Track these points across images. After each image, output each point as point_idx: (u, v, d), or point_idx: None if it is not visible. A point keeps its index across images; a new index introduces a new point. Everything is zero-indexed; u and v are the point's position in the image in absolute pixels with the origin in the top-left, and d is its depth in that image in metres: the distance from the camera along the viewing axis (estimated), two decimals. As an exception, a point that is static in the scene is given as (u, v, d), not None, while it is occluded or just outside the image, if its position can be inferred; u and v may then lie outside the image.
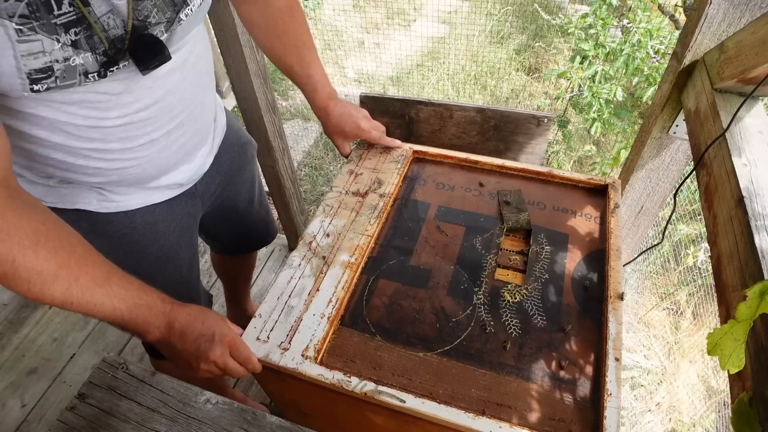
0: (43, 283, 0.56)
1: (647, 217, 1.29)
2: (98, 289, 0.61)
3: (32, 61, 0.55)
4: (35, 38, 0.54)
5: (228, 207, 1.12)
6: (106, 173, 0.76)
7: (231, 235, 1.26)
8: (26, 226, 0.56)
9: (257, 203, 1.23)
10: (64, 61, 0.58)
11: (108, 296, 0.61)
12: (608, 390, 0.68)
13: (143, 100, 0.71)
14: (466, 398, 0.69)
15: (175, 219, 0.92)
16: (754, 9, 0.85)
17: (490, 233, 0.92)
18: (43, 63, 0.56)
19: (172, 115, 0.78)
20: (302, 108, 3.40)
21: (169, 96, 0.75)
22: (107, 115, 0.68)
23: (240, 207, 1.16)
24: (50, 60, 0.57)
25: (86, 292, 0.59)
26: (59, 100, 0.62)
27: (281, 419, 0.61)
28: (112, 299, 0.62)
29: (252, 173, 1.17)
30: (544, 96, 3.47)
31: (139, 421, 0.61)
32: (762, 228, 0.63)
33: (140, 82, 0.69)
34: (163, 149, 0.80)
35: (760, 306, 0.43)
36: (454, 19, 4.20)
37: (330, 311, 0.79)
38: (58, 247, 0.58)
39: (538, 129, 1.20)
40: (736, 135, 0.78)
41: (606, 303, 0.79)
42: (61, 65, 0.58)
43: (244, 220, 1.21)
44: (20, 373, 1.66)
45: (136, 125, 0.73)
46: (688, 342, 2.11)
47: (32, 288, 0.56)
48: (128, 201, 0.83)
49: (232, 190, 1.09)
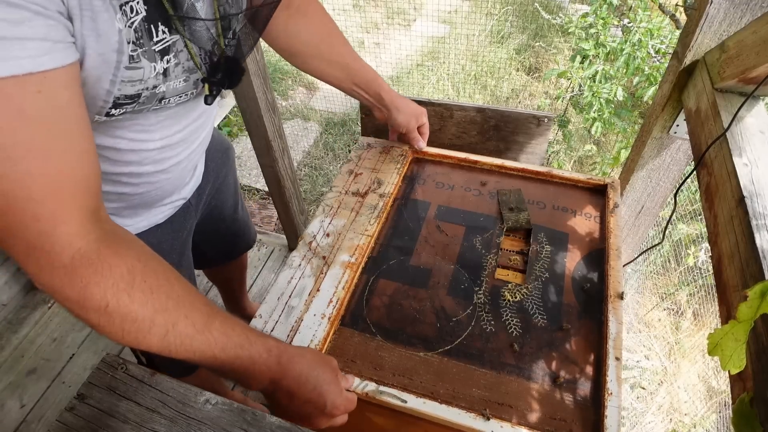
0: (138, 331, 0.50)
1: (648, 217, 1.29)
2: (198, 336, 0.54)
3: (128, 88, 0.54)
4: (140, 66, 0.53)
5: (216, 215, 1.11)
6: (128, 198, 0.74)
7: (219, 243, 1.24)
8: (121, 265, 0.49)
9: (240, 208, 1.22)
10: (152, 88, 0.57)
11: (208, 344, 0.54)
12: (609, 389, 0.68)
13: (182, 122, 0.70)
14: (467, 398, 0.69)
15: (176, 236, 0.91)
16: (755, 8, 0.84)
17: (490, 233, 0.92)
18: (136, 90, 0.55)
19: (197, 134, 0.76)
20: (302, 108, 3.40)
21: (203, 115, 0.75)
22: (151, 137, 0.66)
23: (226, 214, 1.15)
24: (143, 87, 0.55)
25: (185, 340, 0.53)
26: (115, 124, 0.60)
27: (281, 419, 0.61)
28: (213, 348, 0.55)
29: (235, 178, 1.17)
30: (544, 96, 3.46)
31: (138, 422, 0.61)
32: (763, 228, 0.63)
33: (188, 104, 0.68)
34: (183, 169, 0.78)
35: (760, 306, 0.43)
36: (454, 19, 4.20)
37: (330, 311, 0.79)
38: (155, 288, 0.52)
39: (538, 129, 1.20)
40: (737, 135, 0.78)
41: (606, 302, 0.78)
42: (149, 92, 0.57)
43: (230, 226, 1.20)
44: (19, 374, 1.65)
45: (172, 147, 0.71)
46: (689, 342, 2.11)
47: (126, 336, 0.50)
48: (135, 224, 0.80)
49: (219, 198, 1.08)
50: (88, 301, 0.47)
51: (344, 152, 3.00)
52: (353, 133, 3.15)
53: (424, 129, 1.07)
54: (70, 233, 0.47)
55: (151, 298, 0.51)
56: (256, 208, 2.60)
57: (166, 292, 0.52)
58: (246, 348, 0.57)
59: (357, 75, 0.97)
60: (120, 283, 0.49)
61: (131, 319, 0.49)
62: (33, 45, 0.40)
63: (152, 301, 0.51)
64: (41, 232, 0.45)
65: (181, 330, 0.52)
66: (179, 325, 0.52)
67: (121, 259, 0.50)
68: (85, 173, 0.48)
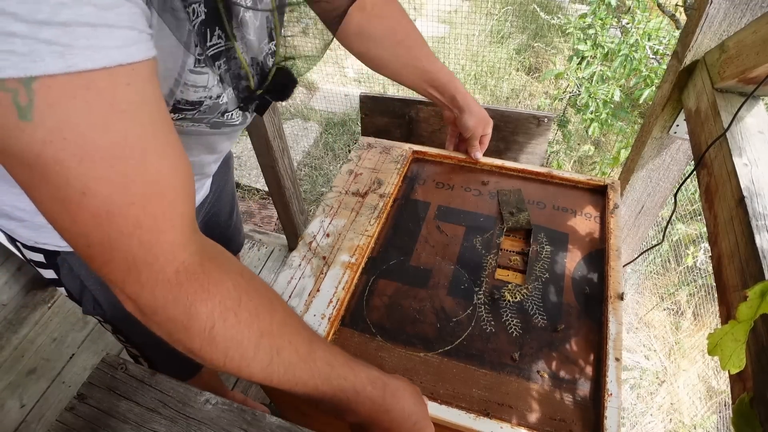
0: (242, 358, 0.45)
1: (648, 217, 1.29)
2: (301, 364, 0.49)
3: (191, 93, 0.50)
4: (204, 71, 0.49)
5: (213, 221, 1.10)
6: None
7: None
8: (227, 281, 0.44)
9: (235, 214, 1.22)
10: (216, 98, 0.52)
11: (311, 374, 0.50)
12: (609, 390, 0.68)
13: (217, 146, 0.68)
14: (467, 398, 0.69)
15: None
16: (755, 8, 0.84)
17: (490, 233, 0.92)
18: (199, 97, 0.51)
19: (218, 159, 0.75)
20: (302, 108, 3.40)
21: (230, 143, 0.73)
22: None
23: (222, 221, 1.15)
24: (205, 96, 0.52)
25: (288, 369, 0.48)
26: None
27: (281, 420, 0.61)
28: (315, 379, 0.50)
29: (232, 185, 1.16)
30: (544, 96, 3.46)
31: (138, 422, 0.61)
32: (763, 228, 0.63)
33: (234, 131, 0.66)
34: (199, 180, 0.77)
35: (760, 306, 0.43)
36: (454, 19, 4.20)
37: (330, 312, 0.79)
38: (260, 308, 0.47)
39: (538, 129, 1.20)
40: (737, 135, 0.78)
41: (606, 303, 0.78)
42: (211, 102, 0.53)
43: (224, 231, 1.19)
44: (19, 374, 1.65)
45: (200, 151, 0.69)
46: (689, 342, 2.11)
47: (229, 363, 0.45)
48: None
49: (217, 204, 1.07)
50: (193, 320, 0.42)
51: (344, 152, 3.00)
52: (353, 133, 3.16)
53: (485, 140, 1.04)
54: (174, 243, 0.42)
55: (257, 319, 0.46)
56: (256, 208, 2.60)
57: (270, 312, 0.47)
58: (350, 380, 0.53)
59: (432, 77, 0.95)
60: (227, 300, 0.44)
61: (236, 343, 0.44)
62: (121, 34, 0.36)
63: (258, 322, 0.46)
64: (143, 242, 0.40)
65: (285, 357, 0.48)
66: (284, 352, 0.48)
67: (226, 274, 0.45)
68: (182, 175, 0.43)
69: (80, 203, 0.37)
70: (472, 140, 1.02)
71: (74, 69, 0.33)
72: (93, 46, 0.34)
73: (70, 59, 0.33)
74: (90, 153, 0.36)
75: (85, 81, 0.34)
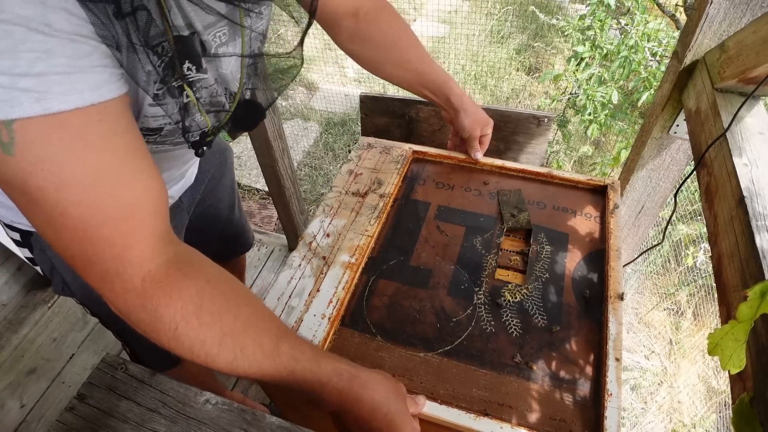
0: (207, 355, 0.51)
1: (648, 217, 1.29)
2: (266, 360, 0.54)
3: (150, 122, 0.56)
4: (164, 102, 0.54)
5: (210, 215, 1.11)
6: None
7: (215, 243, 1.25)
8: (190, 287, 0.50)
9: (237, 209, 1.23)
10: (175, 123, 0.57)
11: (276, 368, 0.55)
12: (609, 390, 0.68)
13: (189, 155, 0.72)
14: (467, 398, 0.69)
15: None
16: (755, 8, 0.84)
17: (490, 233, 0.92)
18: (159, 124, 0.57)
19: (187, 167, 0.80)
20: (302, 108, 3.40)
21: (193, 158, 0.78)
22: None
23: (222, 214, 1.16)
24: (165, 122, 0.57)
25: (253, 364, 0.53)
26: None
27: (281, 419, 0.61)
28: (281, 372, 0.55)
29: (232, 179, 1.17)
30: (544, 96, 3.46)
31: (138, 422, 0.61)
32: (763, 228, 0.63)
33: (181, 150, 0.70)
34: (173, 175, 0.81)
35: (760, 306, 0.43)
36: (454, 19, 4.20)
37: (330, 312, 0.79)
38: (223, 310, 0.52)
39: (538, 129, 1.20)
40: (737, 135, 0.78)
41: (606, 303, 0.78)
42: (170, 127, 0.58)
43: (226, 226, 1.20)
44: (19, 374, 1.65)
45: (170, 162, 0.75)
46: (689, 342, 2.11)
47: (195, 357, 0.51)
48: None
49: (214, 197, 1.09)
50: (158, 323, 0.48)
51: (344, 152, 3.00)
52: (353, 133, 3.16)
53: (485, 140, 1.04)
54: (141, 256, 0.48)
55: (220, 321, 0.51)
56: (256, 208, 2.60)
57: (234, 314, 0.52)
58: (315, 372, 0.57)
59: (427, 79, 0.97)
60: (189, 305, 0.49)
61: (200, 342, 0.50)
62: (93, 77, 0.42)
63: (220, 323, 0.51)
64: (115, 256, 0.46)
65: (249, 354, 0.52)
66: (247, 349, 0.52)
67: (190, 281, 0.50)
68: (153, 196, 0.49)
69: (61, 223, 0.44)
70: (471, 141, 1.02)
71: (49, 111, 0.39)
72: (66, 90, 0.40)
73: (46, 103, 0.39)
74: (66, 181, 0.42)
75: (60, 121, 0.40)
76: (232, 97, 0.64)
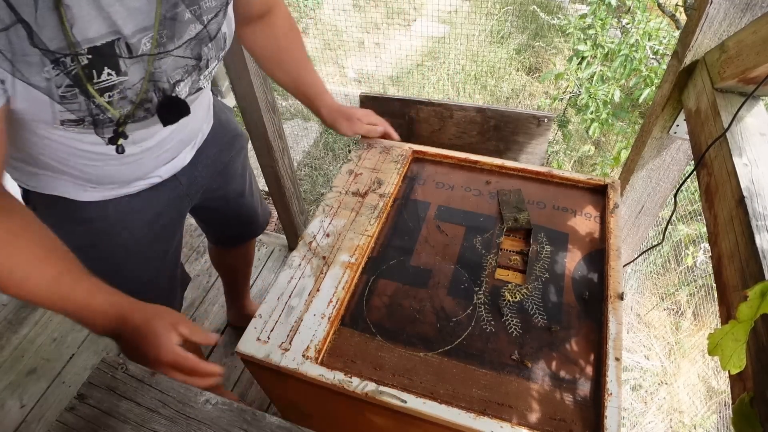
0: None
1: (648, 217, 1.29)
2: (44, 290, 0.64)
3: (68, 115, 0.64)
4: (75, 101, 0.63)
5: (218, 198, 1.14)
6: (95, 178, 0.80)
7: (224, 225, 1.28)
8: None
9: (248, 194, 1.24)
10: (95, 116, 0.66)
11: (58, 296, 0.65)
12: (609, 390, 0.68)
13: (155, 138, 0.80)
14: (467, 398, 0.69)
15: (152, 209, 0.93)
16: (755, 8, 0.84)
17: (490, 233, 0.92)
18: (77, 116, 0.65)
19: (172, 137, 0.84)
20: (302, 108, 3.40)
21: (176, 130, 0.82)
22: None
23: (230, 198, 1.18)
24: (83, 115, 0.65)
25: (38, 292, 0.64)
26: (85, 139, 0.71)
27: (281, 419, 0.61)
28: (56, 303, 0.65)
29: (243, 165, 1.18)
30: (544, 96, 3.46)
31: (138, 422, 0.61)
32: (763, 228, 0.63)
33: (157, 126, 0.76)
34: (155, 158, 0.84)
35: (760, 306, 0.43)
36: (454, 19, 4.20)
37: (330, 311, 0.79)
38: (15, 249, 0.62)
39: (538, 129, 1.20)
40: (737, 135, 0.78)
41: (606, 303, 0.78)
42: (91, 118, 0.66)
43: (235, 210, 1.22)
44: (19, 374, 1.65)
45: (144, 152, 0.80)
46: (689, 342, 2.11)
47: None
48: (106, 193, 0.85)
49: (221, 182, 1.11)
50: None
51: (344, 152, 3.00)
52: (353, 133, 3.15)
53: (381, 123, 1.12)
54: None
55: (9, 259, 0.61)
56: (256, 208, 2.60)
57: (26, 251, 0.63)
58: (85, 300, 0.67)
59: (306, 87, 1.07)
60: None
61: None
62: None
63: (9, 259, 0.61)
64: None
65: (32, 283, 0.63)
66: (31, 279, 0.63)
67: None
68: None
69: None
70: (371, 135, 1.12)
71: None
72: None
73: None
74: None
75: None
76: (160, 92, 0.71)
